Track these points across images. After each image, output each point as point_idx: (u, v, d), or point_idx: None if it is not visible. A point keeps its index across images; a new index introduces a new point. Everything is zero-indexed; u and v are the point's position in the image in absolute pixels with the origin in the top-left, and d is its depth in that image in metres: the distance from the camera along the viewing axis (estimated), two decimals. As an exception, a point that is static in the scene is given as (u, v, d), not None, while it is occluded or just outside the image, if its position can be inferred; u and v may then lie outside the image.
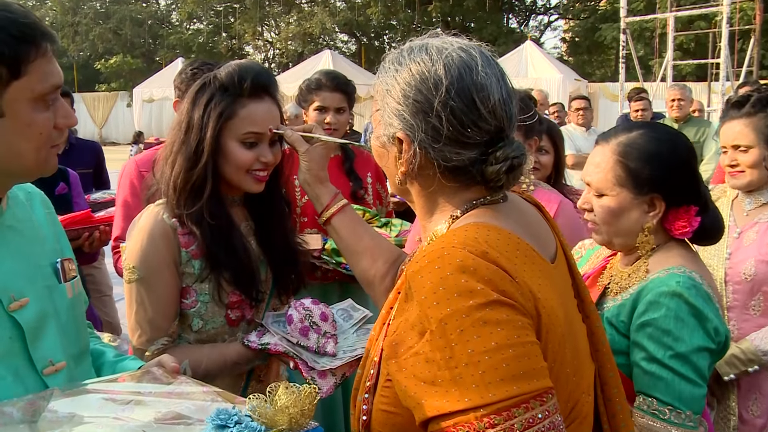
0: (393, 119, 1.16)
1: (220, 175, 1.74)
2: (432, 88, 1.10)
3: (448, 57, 1.12)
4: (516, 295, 1.00)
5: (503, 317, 0.97)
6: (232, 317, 1.80)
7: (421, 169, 1.15)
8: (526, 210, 1.26)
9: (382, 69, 1.21)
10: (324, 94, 2.97)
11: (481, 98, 1.10)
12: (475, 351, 0.95)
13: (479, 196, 1.17)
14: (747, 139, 2.31)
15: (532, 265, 1.08)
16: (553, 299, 1.07)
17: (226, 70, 1.73)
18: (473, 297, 0.97)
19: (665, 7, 14.89)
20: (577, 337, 1.15)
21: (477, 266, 0.99)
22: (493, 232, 1.08)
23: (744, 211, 2.39)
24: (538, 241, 1.17)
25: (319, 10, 29.61)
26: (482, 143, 1.12)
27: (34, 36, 1.21)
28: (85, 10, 33.05)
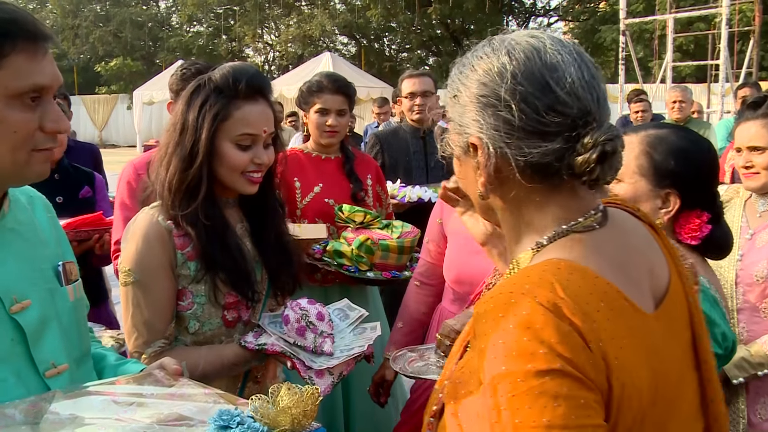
0: (463, 126, 1.03)
1: (214, 177, 1.75)
2: (496, 77, 0.98)
3: (511, 43, 1.00)
4: (585, 365, 0.86)
5: (563, 391, 0.84)
6: (228, 318, 1.80)
7: (498, 173, 1.00)
8: (632, 233, 1.07)
9: (450, 81, 1.10)
10: (325, 97, 2.97)
11: (556, 79, 0.96)
12: (522, 423, 0.83)
13: (573, 214, 1.00)
14: (763, 141, 2.29)
15: (618, 321, 0.92)
16: (635, 363, 0.91)
17: (221, 72, 1.75)
18: (533, 361, 0.85)
19: (664, 9, 14.90)
20: (671, 402, 0.98)
21: (544, 324, 0.86)
22: (576, 276, 0.92)
23: (757, 213, 2.38)
24: (638, 280, 1.00)
25: (318, 12, 29.61)
26: (565, 131, 0.96)
27: (11, 30, 1.17)
28: (86, 13, 33.05)
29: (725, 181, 4.35)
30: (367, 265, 2.69)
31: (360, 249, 2.67)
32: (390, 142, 4.02)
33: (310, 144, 3.10)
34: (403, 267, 2.77)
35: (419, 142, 4.04)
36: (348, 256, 2.69)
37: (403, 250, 2.74)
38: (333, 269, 2.71)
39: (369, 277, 2.70)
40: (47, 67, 1.23)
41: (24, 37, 1.19)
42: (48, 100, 1.24)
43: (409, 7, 28.34)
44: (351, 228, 2.79)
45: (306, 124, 3.08)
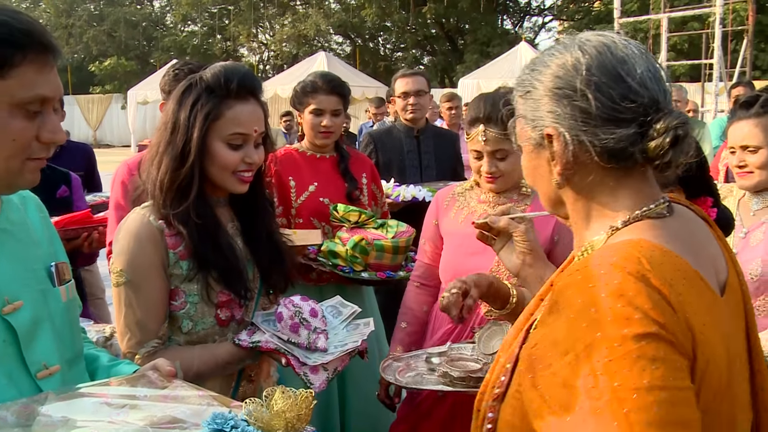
0: (538, 119, 1.09)
1: (205, 176, 1.76)
2: (571, 70, 1.05)
3: (581, 41, 1.07)
4: (676, 331, 0.89)
5: (660, 354, 0.87)
6: (221, 317, 1.80)
7: (576, 159, 1.06)
8: (697, 227, 1.12)
9: (518, 83, 1.16)
10: (320, 97, 2.96)
11: (626, 71, 1.03)
12: (622, 386, 0.85)
13: (644, 201, 1.06)
14: (756, 140, 2.31)
15: (698, 298, 0.96)
16: (716, 341, 0.95)
17: (212, 72, 1.75)
18: (629, 326, 0.87)
19: (659, 8, 14.93)
20: (736, 385, 1.02)
21: (637, 292, 0.90)
22: (658, 252, 0.97)
23: (751, 211, 2.40)
24: (708, 266, 1.04)
25: (313, 11, 29.60)
26: (638, 117, 1.02)
27: (24, 43, 1.20)
28: (79, 12, 32.94)
29: (719, 181, 4.36)
30: (361, 266, 2.69)
31: (355, 249, 2.67)
32: (384, 142, 4.02)
33: (305, 143, 3.10)
34: (398, 267, 2.77)
35: (413, 142, 4.04)
36: (343, 256, 2.69)
37: (398, 250, 2.74)
38: (328, 270, 2.71)
39: (363, 277, 2.70)
40: (53, 79, 1.26)
41: (36, 49, 1.22)
42: (48, 111, 1.26)
43: (403, 6, 28.35)
44: (346, 227, 2.78)
45: (300, 124, 3.08)
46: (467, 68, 23.15)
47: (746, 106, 2.36)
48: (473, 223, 1.64)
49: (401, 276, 2.74)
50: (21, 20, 1.22)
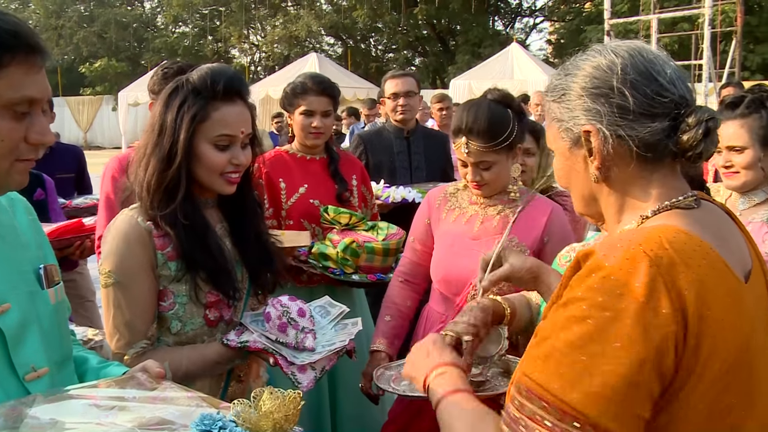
0: (575, 118, 1.16)
1: (193, 177, 1.77)
2: (607, 71, 1.13)
3: (613, 47, 1.16)
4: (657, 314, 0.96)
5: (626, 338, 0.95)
6: (210, 317, 1.81)
7: (616, 157, 1.13)
8: (723, 220, 1.19)
9: (551, 90, 1.23)
10: (310, 98, 2.97)
11: (657, 71, 1.12)
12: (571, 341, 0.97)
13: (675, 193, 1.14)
14: (742, 140, 2.32)
15: (717, 279, 1.02)
16: (728, 322, 1.01)
17: (199, 74, 1.76)
18: (611, 297, 0.97)
19: (649, 9, 15.00)
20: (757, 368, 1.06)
21: (634, 271, 0.97)
22: (683, 236, 1.04)
23: (737, 211, 2.41)
24: (733, 255, 1.10)
25: (305, 13, 29.58)
26: (670, 112, 1.11)
27: (12, 44, 1.20)
28: (69, 14, 32.80)
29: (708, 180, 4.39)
30: (352, 268, 2.69)
31: (345, 252, 2.67)
32: (374, 143, 4.03)
33: (295, 145, 3.10)
34: (388, 269, 2.77)
35: (403, 143, 4.04)
36: (333, 258, 2.69)
37: (389, 252, 2.74)
38: (318, 272, 2.71)
39: (354, 279, 2.70)
40: (40, 80, 1.26)
41: (24, 50, 1.22)
42: (37, 112, 1.26)
43: (395, 7, 28.37)
44: (336, 229, 2.79)
45: (291, 126, 3.08)
46: (459, 69, 23.18)
47: (732, 107, 2.38)
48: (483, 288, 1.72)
49: (391, 278, 2.75)
50: (8, 21, 1.22)
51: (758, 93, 2.36)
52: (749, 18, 19.42)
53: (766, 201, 2.37)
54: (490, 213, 2.33)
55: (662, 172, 1.14)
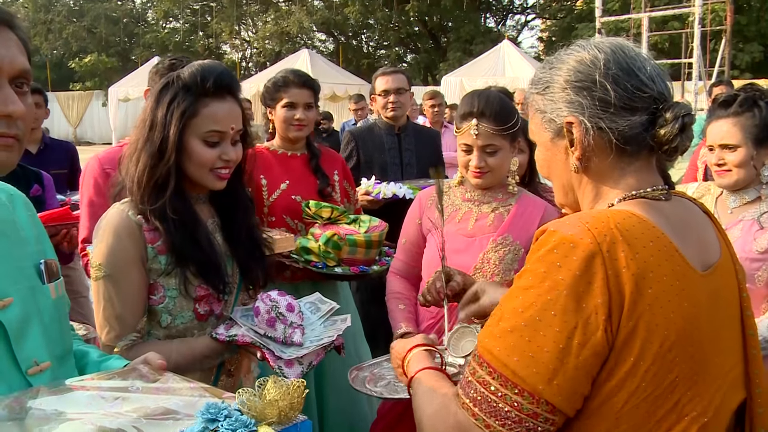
0: (557, 110, 1.21)
1: (183, 173, 1.78)
2: (590, 65, 1.18)
3: (596, 42, 1.21)
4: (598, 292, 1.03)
5: (560, 307, 1.03)
6: (200, 311, 1.83)
7: (595, 143, 1.18)
8: (692, 213, 1.25)
9: (534, 83, 1.27)
10: (292, 91, 2.99)
11: (637, 67, 1.17)
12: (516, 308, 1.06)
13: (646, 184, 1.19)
14: (734, 139, 2.34)
15: (662, 261, 1.07)
16: (670, 303, 1.05)
17: (189, 70, 1.78)
18: (551, 268, 1.04)
19: (639, 8, 15.06)
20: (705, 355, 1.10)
21: (576, 246, 1.05)
22: (634, 219, 1.10)
23: (728, 209, 2.44)
24: (692, 246, 1.15)
25: (296, 9, 29.47)
26: (649, 107, 1.16)
27: None
28: (59, 8, 32.56)
29: (698, 178, 4.43)
30: (334, 261, 2.69)
31: (327, 245, 2.66)
32: (365, 139, 4.04)
33: (276, 141, 3.10)
34: (372, 261, 2.77)
35: (394, 139, 4.05)
36: (315, 252, 2.68)
37: (371, 245, 2.73)
38: (301, 266, 2.71)
39: (337, 272, 2.69)
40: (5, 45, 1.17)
41: None
42: (2, 83, 1.17)
43: (386, 4, 28.32)
44: (318, 224, 2.79)
45: (272, 121, 3.08)
46: (450, 66, 23.19)
47: (725, 105, 2.39)
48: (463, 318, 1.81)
49: (375, 270, 2.75)
50: None
51: (751, 92, 2.38)
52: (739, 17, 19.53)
53: (757, 199, 2.40)
54: (485, 210, 2.35)
55: (638, 164, 1.19)
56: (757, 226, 2.35)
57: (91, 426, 1.00)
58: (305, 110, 2.99)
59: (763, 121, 2.32)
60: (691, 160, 5.09)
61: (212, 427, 0.98)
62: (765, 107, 2.33)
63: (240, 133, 1.85)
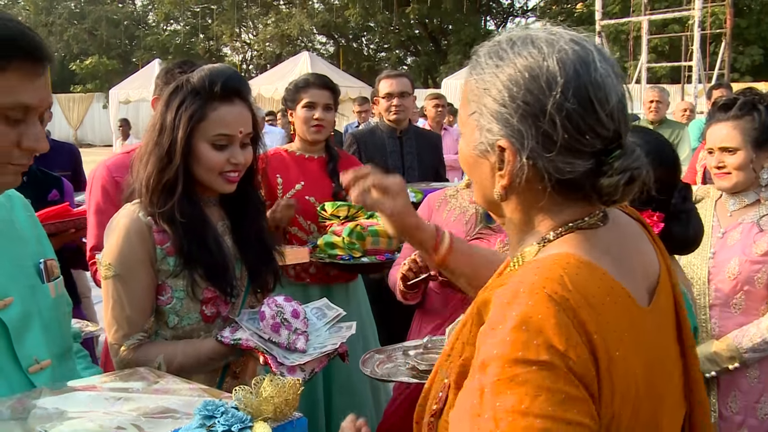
0: (493, 124, 0.99)
1: (192, 176, 1.79)
2: (544, 88, 0.94)
3: (561, 51, 0.96)
4: (578, 361, 0.87)
5: (546, 383, 0.85)
6: (207, 313, 1.84)
7: (527, 183, 0.99)
8: (628, 231, 1.09)
9: (476, 65, 1.03)
10: (312, 91, 3.03)
11: (600, 99, 0.95)
12: (501, 406, 0.85)
13: (582, 215, 1.01)
14: (734, 142, 2.35)
15: (621, 316, 0.94)
16: (633, 358, 0.94)
17: (199, 74, 1.79)
18: (524, 350, 0.86)
19: (639, 11, 15.09)
20: (661, 393, 1.02)
21: (546, 317, 0.87)
22: (585, 270, 0.94)
23: (728, 212, 2.45)
24: (635, 276, 1.03)
25: (297, 11, 29.54)
26: (598, 151, 0.96)
27: (8, 49, 1.19)
28: (60, 10, 32.62)
29: (697, 181, 4.44)
30: (360, 252, 2.72)
31: (351, 236, 2.70)
32: (367, 142, 4.05)
33: (295, 143, 3.15)
34: (395, 250, 2.79)
35: (396, 142, 4.07)
36: (340, 246, 2.72)
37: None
38: (327, 261, 2.72)
39: (364, 262, 2.72)
40: (40, 88, 1.24)
41: (21, 56, 1.21)
42: (32, 119, 1.25)
43: (387, 6, 28.37)
44: (336, 224, 2.82)
45: (293, 123, 3.11)
46: (450, 69, 23.23)
47: (725, 109, 2.39)
48: None
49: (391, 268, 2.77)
50: (8, 28, 1.21)
51: (750, 96, 2.39)
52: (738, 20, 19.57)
53: (756, 202, 2.40)
54: None
55: (575, 204, 1.02)
56: (756, 228, 2.35)
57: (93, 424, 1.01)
58: (324, 111, 3.03)
59: (762, 125, 2.33)
60: (690, 164, 5.11)
61: (209, 423, 0.99)
62: (764, 111, 2.33)
63: (250, 137, 1.85)
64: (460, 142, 1.10)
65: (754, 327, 2.28)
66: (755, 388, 2.33)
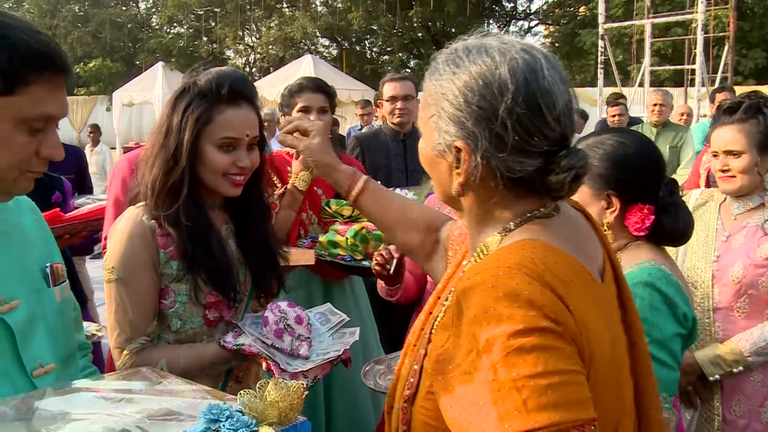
0: (450, 126, 1.09)
1: (198, 179, 1.79)
2: (496, 94, 1.04)
3: (513, 60, 1.06)
4: (569, 323, 0.97)
5: (551, 344, 0.94)
6: (210, 317, 1.84)
7: (481, 181, 1.09)
8: (577, 221, 1.21)
9: (435, 71, 1.13)
10: (306, 95, 3.03)
11: (547, 104, 1.05)
12: (519, 375, 0.91)
13: (536, 206, 1.12)
14: (739, 145, 2.35)
15: (586, 291, 1.05)
16: (601, 327, 1.04)
17: (206, 77, 1.79)
18: (524, 321, 0.94)
19: (642, 14, 15.08)
20: (620, 360, 1.12)
21: (532, 291, 0.96)
22: (551, 252, 1.04)
23: (732, 215, 2.44)
24: (588, 257, 1.13)
25: (300, 14, 29.56)
26: (546, 152, 1.07)
27: (40, 62, 1.23)
28: (64, 14, 32.70)
29: (700, 184, 4.43)
30: (362, 254, 2.72)
31: (356, 238, 2.70)
32: (370, 145, 4.06)
33: None
34: None
35: (399, 145, 4.08)
36: (343, 245, 2.72)
37: None
38: (328, 260, 2.73)
39: (364, 265, 2.71)
40: (61, 99, 1.30)
41: (50, 70, 1.26)
42: (51, 128, 1.31)
43: (390, 9, 28.39)
44: (339, 222, 2.82)
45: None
46: (453, 72, 23.17)
47: (730, 112, 2.40)
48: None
49: None
50: (40, 40, 1.25)
51: (755, 99, 2.39)
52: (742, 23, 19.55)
53: (761, 206, 2.41)
54: None
55: (528, 197, 1.12)
56: (761, 232, 2.35)
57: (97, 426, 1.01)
58: (320, 114, 3.03)
59: (767, 128, 2.33)
60: (693, 167, 5.10)
61: (214, 427, 0.99)
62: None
63: (256, 140, 1.86)
64: (421, 142, 1.19)
65: (758, 330, 2.28)
66: (759, 392, 2.32)
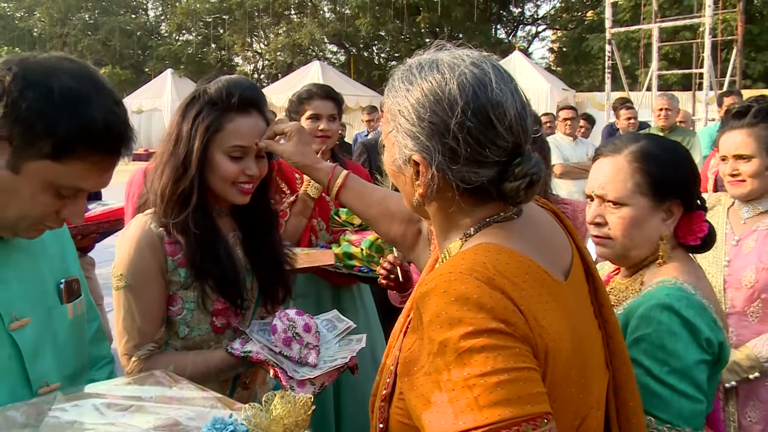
0: (407, 141, 1.13)
1: (207, 187, 1.80)
2: (447, 109, 1.08)
3: (462, 75, 1.09)
4: (519, 323, 1.01)
5: (500, 343, 0.98)
6: (217, 324, 1.84)
7: (439, 191, 1.14)
8: (541, 220, 1.24)
9: (392, 88, 1.18)
10: (316, 103, 3.04)
11: (498, 115, 1.08)
12: (470, 375, 0.96)
13: (496, 212, 1.16)
14: (749, 149, 2.33)
15: (541, 289, 1.08)
16: (559, 324, 1.07)
17: (216, 86, 1.79)
18: (473, 324, 0.98)
19: (650, 18, 15.04)
20: (586, 355, 1.15)
21: (481, 294, 1.00)
22: (504, 255, 1.08)
23: (741, 219, 2.42)
24: (550, 257, 1.16)
25: (308, 21, 29.66)
26: (500, 161, 1.10)
27: (97, 142, 1.24)
28: (74, 22, 32.93)
29: (708, 188, 4.41)
30: (378, 265, 2.71)
31: (371, 249, 2.68)
32: (377, 151, 4.06)
33: None
34: None
35: (405, 151, 4.07)
36: (358, 257, 2.70)
37: None
38: (344, 272, 2.72)
39: None
40: (102, 177, 1.30)
41: (102, 151, 1.26)
42: (81, 196, 1.31)
43: (398, 15, 28.43)
44: (349, 230, 2.81)
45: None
46: (461, 77, 23.14)
47: (739, 116, 2.38)
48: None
49: None
50: (108, 121, 1.25)
51: (764, 103, 2.36)
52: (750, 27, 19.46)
53: (771, 209, 2.38)
54: None
55: (487, 204, 1.16)
56: (772, 236, 2.33)
57: (104, 436, 1.02)
58: (329, 121, 3.04)
59: None
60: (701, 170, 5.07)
61: (217, 441, 0.99)
62: None
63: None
64: (384, 156, 1.24)
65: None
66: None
